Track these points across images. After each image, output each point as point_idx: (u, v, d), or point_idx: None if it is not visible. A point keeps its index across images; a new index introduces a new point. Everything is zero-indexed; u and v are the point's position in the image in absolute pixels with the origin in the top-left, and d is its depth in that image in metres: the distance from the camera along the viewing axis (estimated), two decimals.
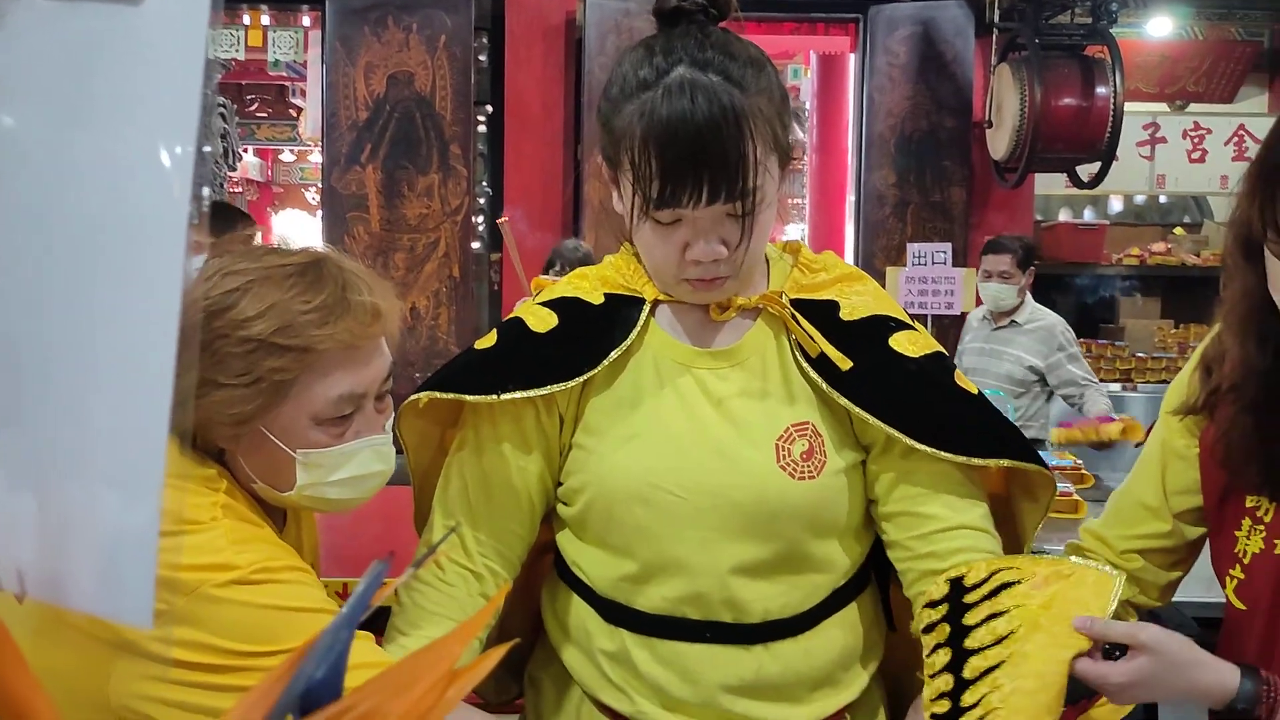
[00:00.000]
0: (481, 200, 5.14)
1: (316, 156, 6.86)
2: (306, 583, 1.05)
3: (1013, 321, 4.15)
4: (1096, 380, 4.10)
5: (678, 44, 1.07)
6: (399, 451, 1.22)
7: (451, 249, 4.75)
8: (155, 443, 0.45)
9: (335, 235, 4.66)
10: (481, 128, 5.09)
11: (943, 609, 1.07)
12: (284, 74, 6.59)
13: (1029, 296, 4.18)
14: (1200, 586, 1.39)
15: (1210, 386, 1.17)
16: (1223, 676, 1.05)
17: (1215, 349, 1.17)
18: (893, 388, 1.15)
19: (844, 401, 1.13)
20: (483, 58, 5.00)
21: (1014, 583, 1.06)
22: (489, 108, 5.13)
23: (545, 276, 3.59)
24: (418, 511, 1.31)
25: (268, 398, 1.05)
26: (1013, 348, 4.10)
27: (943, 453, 1.13)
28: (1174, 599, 1.36)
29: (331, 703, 0.43)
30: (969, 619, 1.06)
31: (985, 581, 1.07)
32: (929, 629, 1.09)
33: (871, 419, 1.13)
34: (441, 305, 4.73)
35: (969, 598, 1.07)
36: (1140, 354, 5.85)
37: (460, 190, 4.74)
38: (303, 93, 6.99)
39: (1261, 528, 1.14)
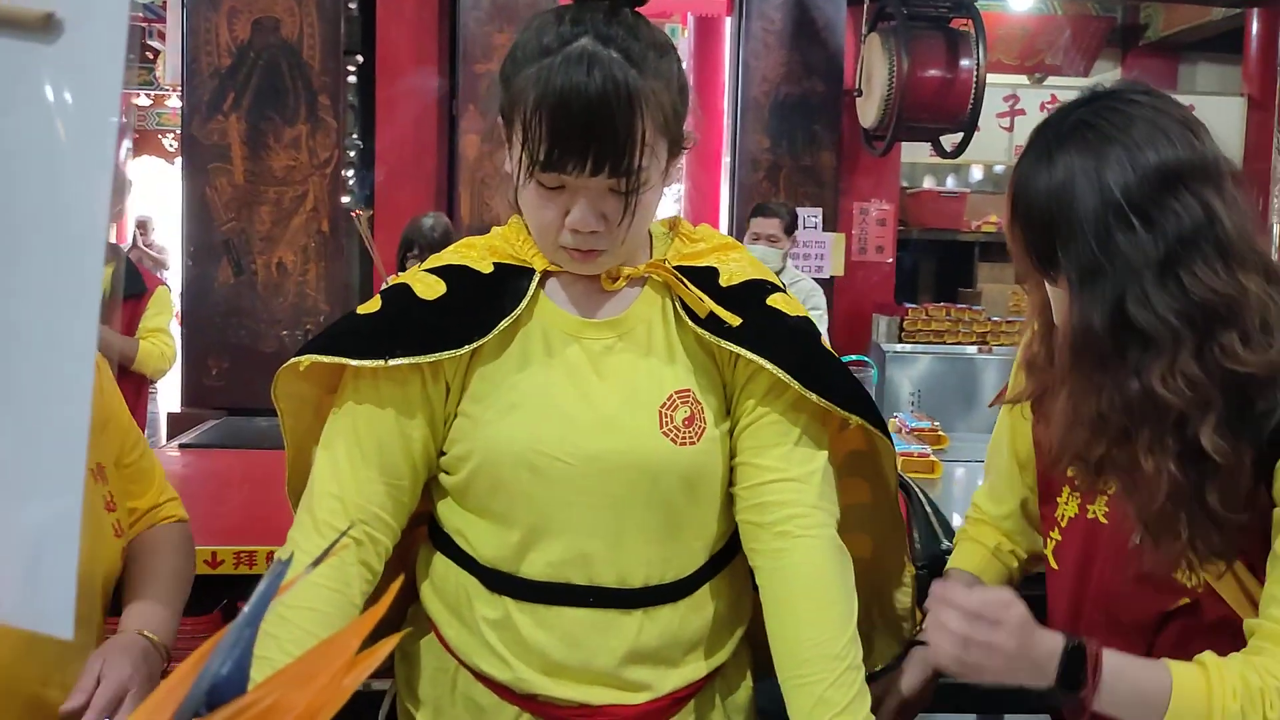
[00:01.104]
0: (352, 153, 5.00)
1: (175, 101, 6.57)
2: None
3: None
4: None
5: (586, 17, 1.10)
6: (272, 414, 1.19)
7: (320, 203, 4.61)
8: (76, 439, 0.44)
9: (196, 186, 4.47)
10: (351, 78, 4.95)
11: None
12: (140, 15, 6.29)
13: (790, 261, 4.36)
14: None
15: (1030, 388, 1.25)
16: (1056, 640, 1.08)
17: (1029, 353, 1.26)
18: (774, 339, 1.20)
19: (734, 348, 1.18)
20: (353, 5, 4.85)
21: None
22: (359, 58, 4.99)
23: (402, 274, 3.38)
24: (291, 478, 1.29)
25: None
26: None
27: (821, 399, 1.18)
28: None
29: (236, 698, 0.43)
30: None
31: None
32: None
33: (764, 362, 1.17)
34: (310, 261, 4.60)
35: None
36: (995, 318, 6.10)
37: (329, 143, 4.60)
38: (161, 35, 6.68)
39: (1078, 494, 1.23)
